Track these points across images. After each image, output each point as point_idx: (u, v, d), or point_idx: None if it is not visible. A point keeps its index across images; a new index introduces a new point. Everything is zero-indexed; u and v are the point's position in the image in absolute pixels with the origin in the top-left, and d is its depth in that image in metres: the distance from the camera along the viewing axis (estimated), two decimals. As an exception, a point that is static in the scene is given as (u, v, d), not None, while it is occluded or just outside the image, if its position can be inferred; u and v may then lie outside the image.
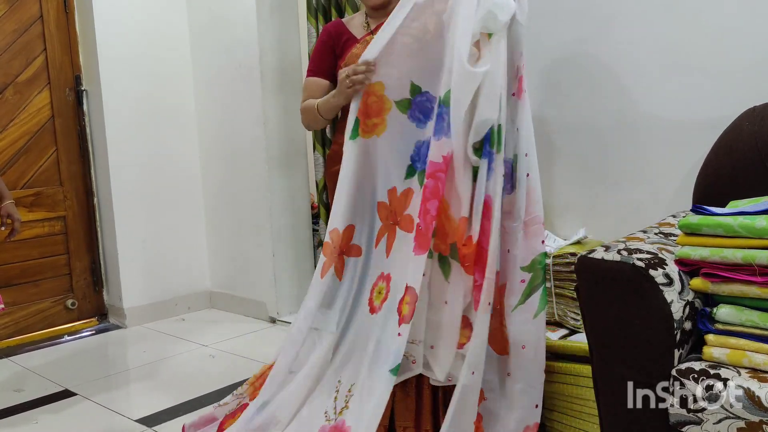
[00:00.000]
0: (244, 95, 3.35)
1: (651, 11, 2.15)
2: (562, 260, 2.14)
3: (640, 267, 1.35)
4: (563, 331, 2.15)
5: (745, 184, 1.66)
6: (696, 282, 1.38)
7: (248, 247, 3.49)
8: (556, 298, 2.17)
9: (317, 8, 3.13)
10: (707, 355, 1.33)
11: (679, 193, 2.02)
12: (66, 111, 3.35)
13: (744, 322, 1.31)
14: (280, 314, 3.38)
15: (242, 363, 2.81)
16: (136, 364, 2.94)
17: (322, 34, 2.10)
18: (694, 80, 2.08)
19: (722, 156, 1.75)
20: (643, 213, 2.15)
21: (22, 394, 2.57)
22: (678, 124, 2.13)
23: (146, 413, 2.36)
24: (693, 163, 1.91)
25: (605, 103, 2.28)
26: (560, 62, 2.38)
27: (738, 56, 2.00)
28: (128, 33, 3.36)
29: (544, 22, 2.39)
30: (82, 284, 3.45)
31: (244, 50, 3.30)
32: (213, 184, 3.65)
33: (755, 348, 1.29)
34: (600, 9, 2.26)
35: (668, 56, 2.13)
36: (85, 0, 3.28)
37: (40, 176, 3.29)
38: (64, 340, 3.27)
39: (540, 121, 2.45)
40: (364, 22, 2.08)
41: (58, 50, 3.30)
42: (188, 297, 3.66)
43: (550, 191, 2.45)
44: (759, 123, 1.70)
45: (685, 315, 1.36)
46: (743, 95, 1.85)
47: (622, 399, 1.37)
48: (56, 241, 3.34)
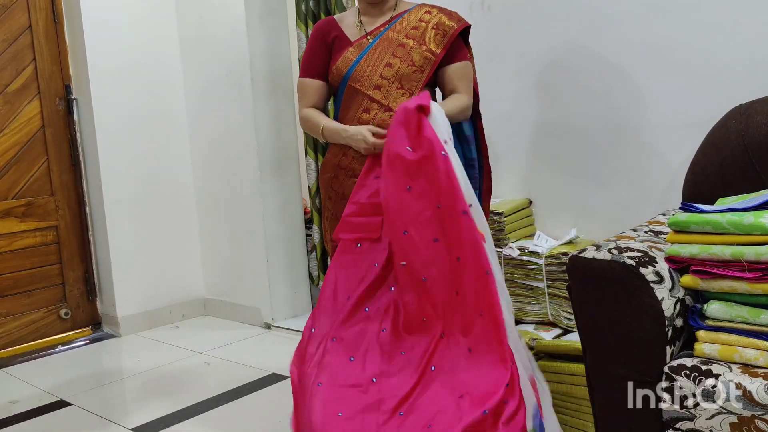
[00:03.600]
0: (234, 102, 3.35)
1: (637, 12, 2.17)
2: (554, 260, 2.16)
3: (630, 265, 1.36)
4: (557, 331, 2.17)
5: (732, 182, 1.68)
6: (686, 279, 1.39)
7: (242, 253, 3.49)
8: (549, 298, 2.18)
9: (306, 14, 3.14)
10: (699, 351, 1.34)
11: (669, 192, 2.04)
12: (56, 120, 3.35)
13: (734, 318, 1.32)
14: (275, 320, 3.38)
15: (238, 369, 2.81)
16: (131, 372, 2.93)
17: (314, 31, 2.02)
18: (680, 80, 2.11)
19: (710, 154, 1.77)
20: (634, 212, 2.17)
21: (16, 405, 2.56)
22: (666, 124, 2.15)
23: (142, 422, 2.35)
24: (681, 161, 1.93)
25: (594, 104, 2.30)
26: (549, 64, 2.39)
27: (724, 55, 2.02)
28: (118, 42, 3.36)
29: (533, 25, 2.41)
30: (75, 294, 3.43)
31: (234, 57, 3.31)
32: (205, 191, 3.64)
33: (746, 343, 1.30)
34: (587, 11, 2.28)
35: (655, 57, 2.15)
36: (74, 10, 3.28)
37: (31, 186, 3.28)
38: (58, 350, 3.26)
39: (530, 123, 2.47)
40: (357, 21, 1.98)
41: (48, 60, 3.30)
42: (182, 304, 3.65)
43: (541, 192, 2.47)
44: (745, 121, 1.72)
45: (676, 312, 1.37)
46: (729, 94, 1.87)
47: (614, 396, 1.38)
48: (49, 251, 3.33)
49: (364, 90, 1.89)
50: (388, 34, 1.91)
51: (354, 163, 1.91)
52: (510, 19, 2.47)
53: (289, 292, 3.42)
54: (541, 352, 2.07)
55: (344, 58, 1.92)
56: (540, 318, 2.22)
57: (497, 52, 2.50)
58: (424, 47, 1.88)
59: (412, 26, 1.91)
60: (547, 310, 2.19)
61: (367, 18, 1.98)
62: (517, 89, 2.48)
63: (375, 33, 1.93)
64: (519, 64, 2.47)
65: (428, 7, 1.95)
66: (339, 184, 1.94)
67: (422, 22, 1.91)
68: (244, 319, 3.49)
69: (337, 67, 1.93)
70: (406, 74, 1.87)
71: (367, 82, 1.88)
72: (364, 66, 1.89)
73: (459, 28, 1.91)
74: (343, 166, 1.93)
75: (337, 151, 1.94)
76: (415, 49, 1.88)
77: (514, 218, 2.36)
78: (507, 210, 2.31)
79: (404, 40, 1.89)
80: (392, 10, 1.96)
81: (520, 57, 2.46)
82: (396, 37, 1.90)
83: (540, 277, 2.18)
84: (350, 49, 1.93)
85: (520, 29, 2.45)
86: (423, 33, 1.90)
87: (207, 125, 3.55)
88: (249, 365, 2.83)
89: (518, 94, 2.48)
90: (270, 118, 3.34)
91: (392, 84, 1.87)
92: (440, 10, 1.94)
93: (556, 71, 2.38)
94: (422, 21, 1.91)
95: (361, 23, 1.97)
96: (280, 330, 3.30)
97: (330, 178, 1.97)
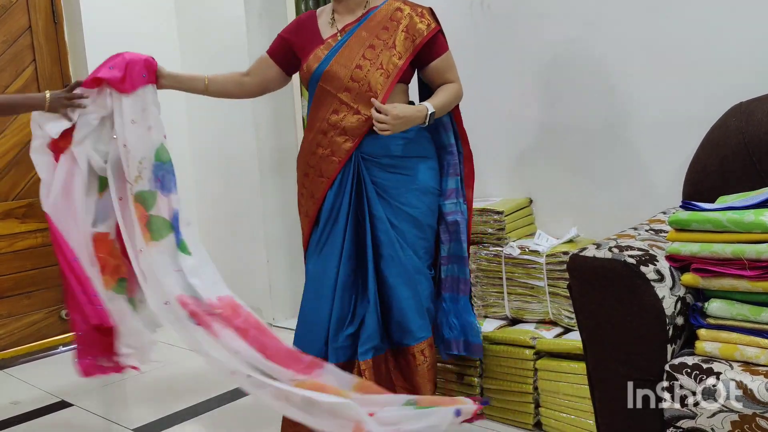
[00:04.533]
0: (234, 102, 3.35)
1: (637, 11, 2.17)
2: (555, 259, 2.15)
3: (631, 264, 1.36)
4: (558, 330, 2.16)
5: (733, 180, 1.68)
6: (687, 277, 1.39)
7: (243, 253, 3.49)
8: (550, 297, 2.18)
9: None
10: (700, 349, 1.34)
11: (669, 190, 2.04)
12: (57, 121, 3.34)
13: (735, 316, 1.32)
14: (276, 320, 3.38)
15: (239, 369, 2.80)
16: (132, 373, 2.91)
17: (294, 21, 2.06)
18: (681, 78, 2.10)
19: (710, 152, 1.77)
20: (634, 210, 2.16)
21: (18, 407, 2.56)
22: (666, 122, 2.14)
23: (144, 422, 2.35)
24: (682, 160, 1.92)
25: (594, 103, 2.30)
26: (548, 63, 2.39)
27: (724, 53, 2.02)
28: (117, 42, 3.31)
29: (533, 24, 2.41)
30: (76, 294, 3.43)
31: (233, 57, 3.30)
32: (205, 192, 3.64)
33: (747, 341, 1.30)
34: (587, 10, 2.28)
35: (655, 55, 2.15)
36: (74, 10, 3.28)
37: (32, 187, 3.27)
38: (58, 350, 3.26)
39: (530, 122, 2.47)
40: (330, 18, 1.97)
41: (48, 61, 3.30)
42: (183, 305, 3.64)
43: (541, 191, 2.47)
44: (745, 119, 1.72)
45: (677, 310, 1.37)
46: (730, 92, 1.86)
47: (616, 394, 1.38)
48: (49, 252, 3.28)
49: (335, 92, 1.88)
50: (360, 32, 1.90)
51: (321, 163, 1.92)
52: (510, 18, 2.46)
53: (290, 292, 3.42)
54: (542, 351, 2.07)
55: (315, 56, 1.92)
56: (541, 317, 2.22)
57: (497, 52, 2.50)
58: (393, 51, 1.88)
59: (383, 26, 1.90)
60: (548, 309, 2.19)
61: (339, 15, 1.97)
62: (517, 88, 2.48)
63: (345, 30, 1.92)
64: (519, 62, 2.46)
65: (400, 4, 1.93)
66: (309, 183, 1.98)
67: (393, 21, 1.90)
68: (245, 319, 3.48)
69: (308, 65, 1.93)
70: (374, 77, 1.87)
71: (338, 84, 1.88)
72: (335, 67, 1.88)
73: (429, 34, 1.91)
74: (312, 164, 1.96)
75: (306, 149, 1.98)
76: (385, 52, 1.88)
77: (515, 217, 2.36)
78: (507, 209, 2.31)
79: (374, 41, 1.89)
80: (363, 6, 1.94)
81: (521, 56, 2.46)
82: (366, 36, 1.89)
83: (541, 276, 2.18)
84: (319, 48, 1.93)
85: (521, 28, 2.44)
86: (393, 35, 1.89)
87: (207, 126, 3.55)
88: (250, 365, 2.83)
89: (518, 92, 2.48)
90: (270, 118, 3.34)
91: (362, 86, 1.87)
92: (412, 7, 1.94)
93: (557, 70, 2.38)
94: (393, 20, 1.91)
95: (333, 20, 1.97)
96: (281, 330, 3.30)
97: (302, 176, 2.02)
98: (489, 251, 2.29)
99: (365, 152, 1.90)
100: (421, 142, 1.96)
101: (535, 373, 2.08)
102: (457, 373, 2.25)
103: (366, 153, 1.90)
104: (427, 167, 1.97)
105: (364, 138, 1.89)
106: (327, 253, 1.92)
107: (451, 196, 2.04)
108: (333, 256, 1.91)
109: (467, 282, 2.08)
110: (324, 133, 1.91)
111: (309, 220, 1.99)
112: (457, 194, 2.04)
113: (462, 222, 2.04)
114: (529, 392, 2.09)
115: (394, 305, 1.90)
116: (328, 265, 1.91)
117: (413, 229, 1.94)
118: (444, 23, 1.98)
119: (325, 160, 1.92)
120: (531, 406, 2.10)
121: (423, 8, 1.95)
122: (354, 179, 1.91)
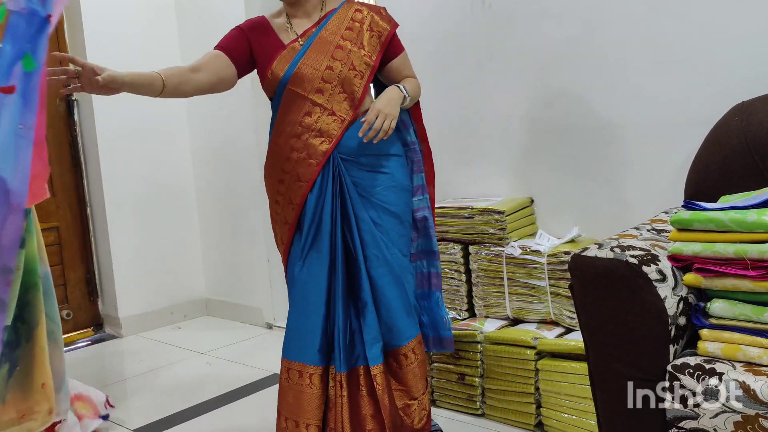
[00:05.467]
0: (235, 102, 3.35)
1: (638, 10, 2.17)
2: (556, 259, 2.15)
3: (633, 264, 1.36)
4: (559, 330, 2.16)
5: (735, 179, 1.67)
6: (689, 277, 1.38)
7: (243, 253, 3.49)
8: (551, 297, 2.18)
9: (307, 13, 3.13)
10: (702, 349, 1.34)
11: (671, 190, 2.03)
12: (57, 121, 3.34)
13: (737, 316, 1.32)
14: (276, 320, 3.37)
15: (240, 370, 2.81)
16: (132, 373, 2.93)
17: (246, 22, 1.95)
18: (682, 77, 2.10)
19: (712, 151, 1.76)
20: (636, 210, 2.16)
21: (18, 407, 2.55)
22: (668, 121, 2.14)
23: (144, 422, 2.35)
24: (683, 159, 1.92)
25: (595, 102, 2.29)
26: (549, 62, 2.39)
27: (726, 52, 2.01)
28: (118, 43, 3.36)
29: (533, 24, 2.41)
30: (76, 295, 3.43)
31: (234, 57, 3.31)
32: (206, 191, 3.64)
33: (749, 341, 1.29)
34: (588, 9, 2.27)
35: (656, 53, 2.14)
36: (75, 12, 3.28)
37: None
38: (59, 351, 3.26)
39: (531, 122, 2.47)
40: (286, 23, 1.93)
41: (48, 61, 3.29)
42: (184, 305, 3.65)
43: (542, 191, 2.46)
44: (747, 118, 1.72)
45: (679, 310, 1.36)
46: (732, 91, 1.86)
47: (618, 395, 1.38)
48: (50, 252, 3.28)
49: (306, 94, 1.86)
50: (322, 35, 1.88)
51: (298, 167, 1.89)
52: (510, 17, 2.46)
53: (291, 292, 3.42)
54: (544, 352, 2.07)
55: (280, 61, 1.88)
56: (542, 317, 2.22)
57: (498, 51, 2.50)
58: (363, 51, 1.88)
59: (345, 26, 1.90)
60: (550, 309, 2.19)
61: (296, 20, 1.94)
62: (517, 87, 2.48)
63: (307, 34, 1.90)
64: (519, 62, 2.46)
65: (357, 5, 1.94)
66: (286, 189, 1.93)
67: (355, 22, 1.91)
68: (246, 320, 3.49)
69: (273, 71, 1.89)
70: (347, 78, 1.87)
71: (309, 86, 1.86)
72: (303, 69, 1.86)
73: (392, 30, 1.95)
74: (287, 170, 1.92)
75: (278, 155, 1.94)
76: (355, 52, 1.88)
77: (516, 217, 2.35)
78: (508, 209, 2.31)
79: (341, 42, 1.88)
80: (319, 10, 1.93)
81: (521, 55, 2.45)
82: (331, 38, 1.88)
83: (542, 276, 2.18)
84: (284, 53, 1.89)
85: (521, 28, 2.44)
86: (359, 34, 1.90)
87: (207, 125, 3.55)
88: (251, 365, 2.83)
89: (519, 92, 2.48)
90: (270, 118, 3.34)
91: (335, 87, 1.87)
92: (370, 7, 1.95)
93: (557, 69, 2.37)
94: (355, 21, 1.91)
95: (290, 25, 1.94)
96: (282, 330, 3.29)
97: (275, 183, 1.97)
98: (490, 251, 2.29)
99: (343, 152, 1.89)
100: (393, 140, 1.97)
101: (537, 373, 2.07)
102: (458, 373, 2.25)
103: (344, 153, 1.89)
104: (400, 164, 1.98)
105: (341, 138, 1.88)
106: (313, 258, 1.88)
107: (417, 192, 2.06)
108: (321, 261, 1.87)
109: (439, 275, 2.09)
110: (297, 137, 1.88)
111: (289, 227, 1.94)
112: (423, 190, 2.07)
113: (430, 218, 2.07)
114: (530, 392, 2.09)
115: (382, 306, 1.88)
116: (316, 270, 1.87)
117: (397, 227, 1.94)
118: (444, 23, 1.98)
119: (301, 163, 1.89)
120: (532, 406, 2.09)
121: (380, 7, 1.99)
122: (334, 181, 1.88)
